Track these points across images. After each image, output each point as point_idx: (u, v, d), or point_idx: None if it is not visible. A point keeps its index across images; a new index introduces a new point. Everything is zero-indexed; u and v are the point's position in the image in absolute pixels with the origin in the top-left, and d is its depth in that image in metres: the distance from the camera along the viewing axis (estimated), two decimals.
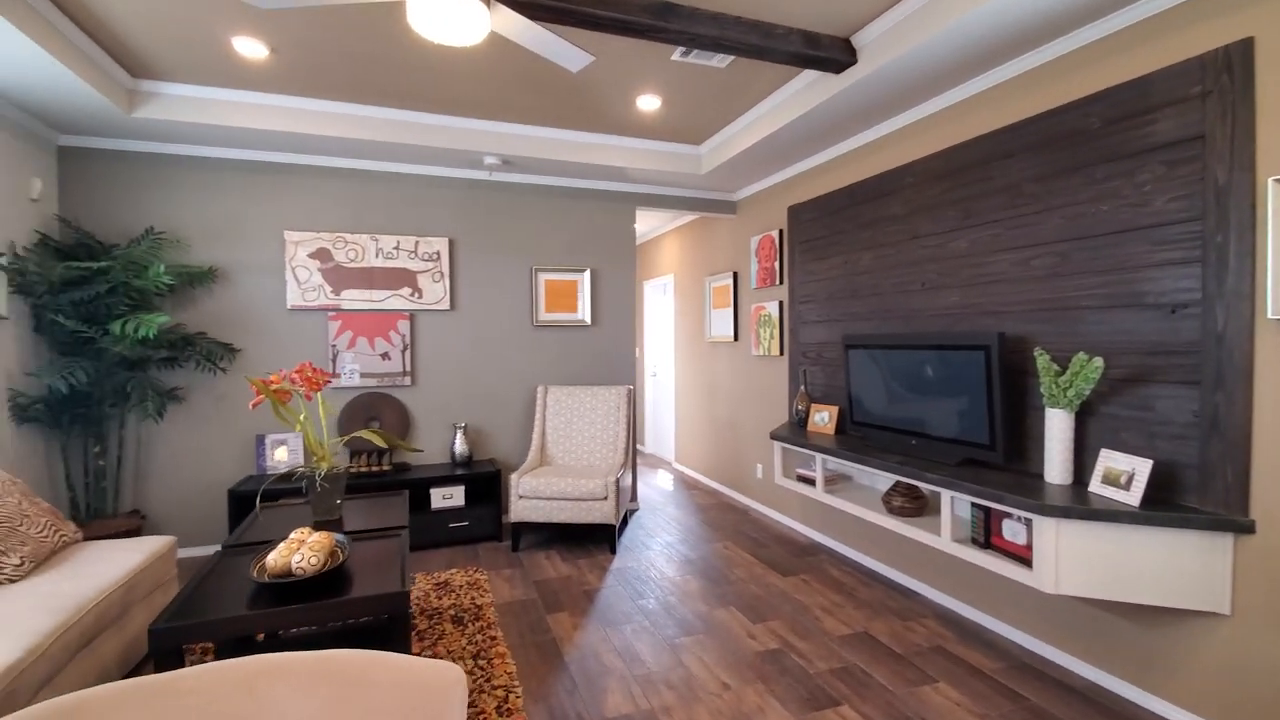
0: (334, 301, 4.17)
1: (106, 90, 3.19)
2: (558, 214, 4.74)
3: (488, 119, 3.96)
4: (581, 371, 4.84)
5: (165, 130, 3.62)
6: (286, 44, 3.00)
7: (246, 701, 1.09)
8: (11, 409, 3.30)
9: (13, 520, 2.43)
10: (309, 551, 1.92)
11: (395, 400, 4.33)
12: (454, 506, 4.12)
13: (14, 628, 1.94)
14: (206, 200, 3.98)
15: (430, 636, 2.87)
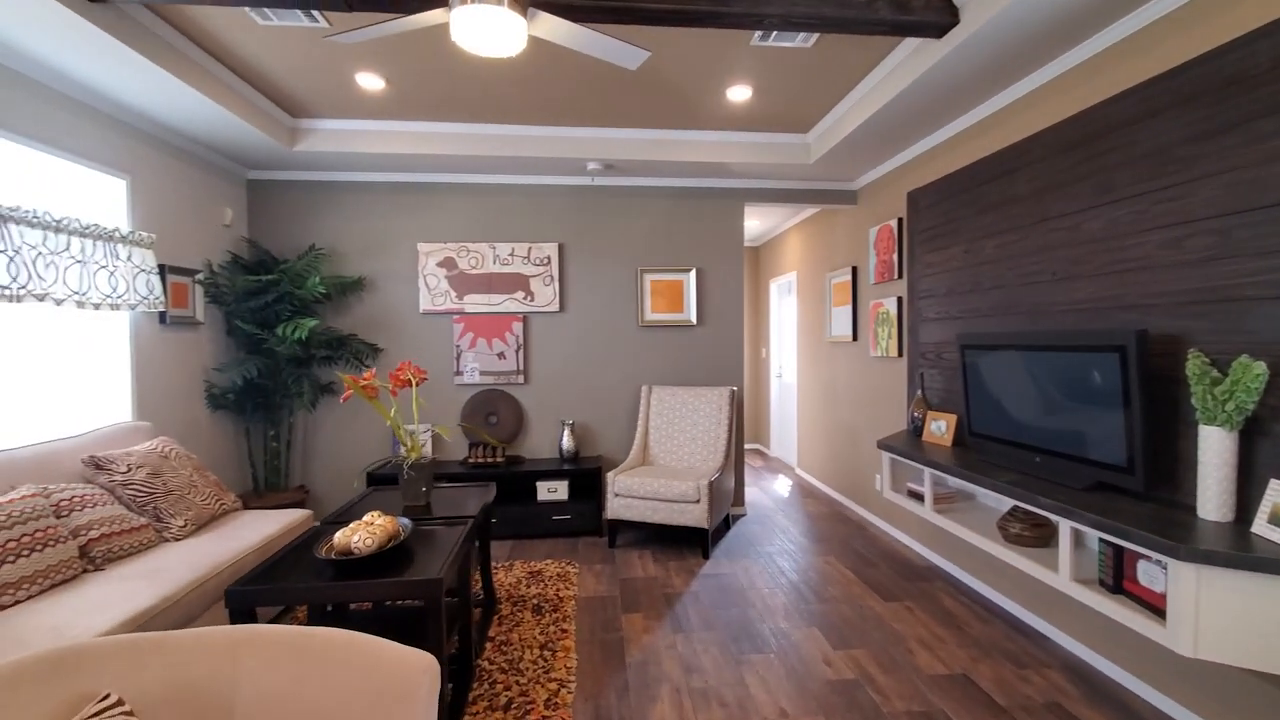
0: (458, 305, 4.56)
1: (272, 131, 3.78)
2: (662, 214, 4.74)
3: (588, 126, 4.07)
4: (686, 372, 4.79)
5: (319, 160, 4.21)
6: (396, 75, 3.34)
7: (226, 665, 1.23)
8: (207, 397, 4.04)
9: (183, 490, 2.98)
10: (367, 533, 2.12)
11: (510, 397, 4.62)
12: (558, 500, 4.30)
13: (160, 578, 2.37)
14: (355, 219, 4.56)
15: (509, 622, 3.02)
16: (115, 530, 2.56)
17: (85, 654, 1.12)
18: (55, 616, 2.00)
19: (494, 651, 2.74)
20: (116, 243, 3.19)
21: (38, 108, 2.84)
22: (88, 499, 2.56)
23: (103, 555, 2.47)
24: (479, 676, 2.54)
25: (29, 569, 2.16)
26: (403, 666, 1.33)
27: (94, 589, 2.24)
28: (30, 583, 2.15)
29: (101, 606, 2.11)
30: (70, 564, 2.32)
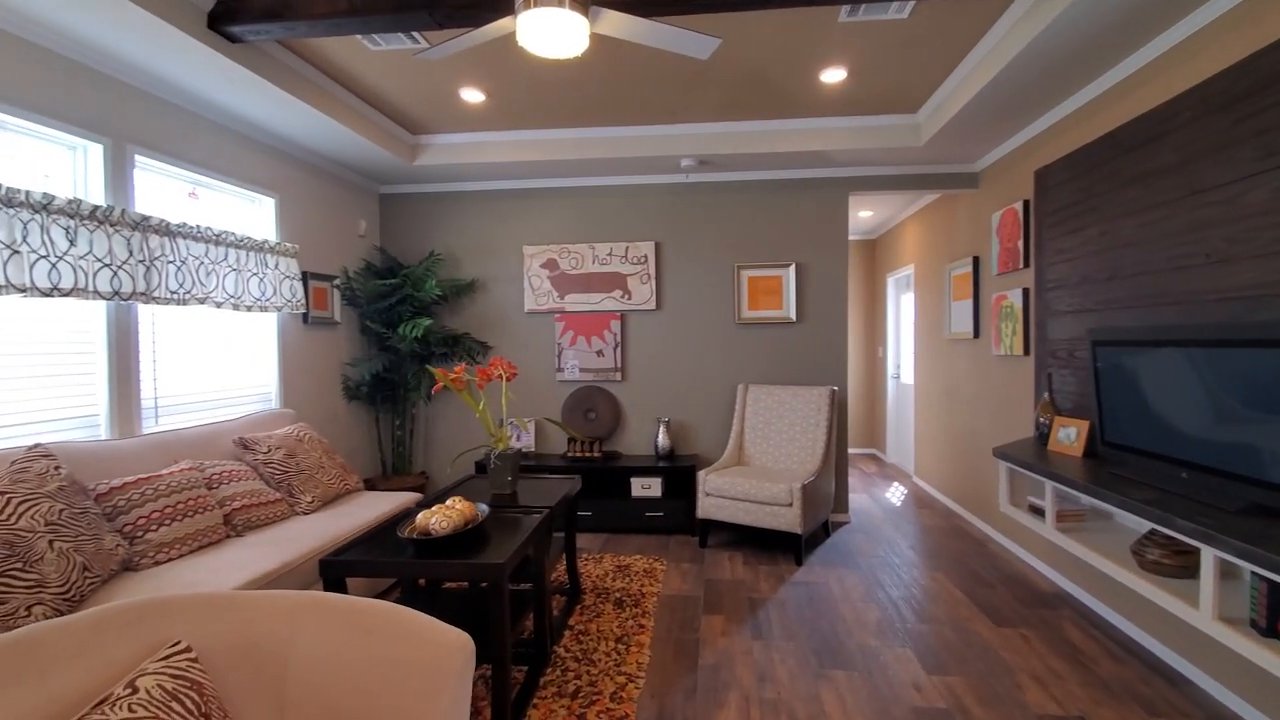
0: (559, 305, 4.74)
1: (395, 149, 4.16)
2: (759, 208, 4.60)
3: (680, 122, 4.06)
4: (784, 370, 4.61)
5: (436, 172, 4.56)
6: (494, 87, 3.53)
7: (285, 626, 1.37)
8: (343, 389, 4.52)
9: (312, 470, 3.35)
10: (444, 516, 2.26)
11: (608, 394, 4.72)
12: (651, 497, 4.32)
13: (286, 546, 2.68)
14: (468, 225, 4.88)
15: (590, 613, 3.08)
16: (254, 502, 2.93)
17: (167, 605, 1.29)
18: (196, 574, 2.34)
19: (571, 640, 2.81)
20: (266, 253, 3.66)
21: (210, 140, 3.33)
22: (234, 474, 2.96)
23: (243, 523, 2.84)
24: (553, 662, 2.62)
25: (182, 532, 2.54)
26: (439, 643, 1.40)
27: (232, 552, 2.58)
28: (182, 543, 2.52)
29: (235, 567, 2.43)
30: (216, 529, 2.69)
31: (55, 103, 2.58)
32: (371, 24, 2.64)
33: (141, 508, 2.45)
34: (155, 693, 1.07)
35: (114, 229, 2.74)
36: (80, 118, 2.69)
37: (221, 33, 2.69)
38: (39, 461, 2.20)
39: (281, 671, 1.32)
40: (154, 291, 2.93)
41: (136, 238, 2.84)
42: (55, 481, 2.19)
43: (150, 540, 2.42)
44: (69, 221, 2.55)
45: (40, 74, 2.52)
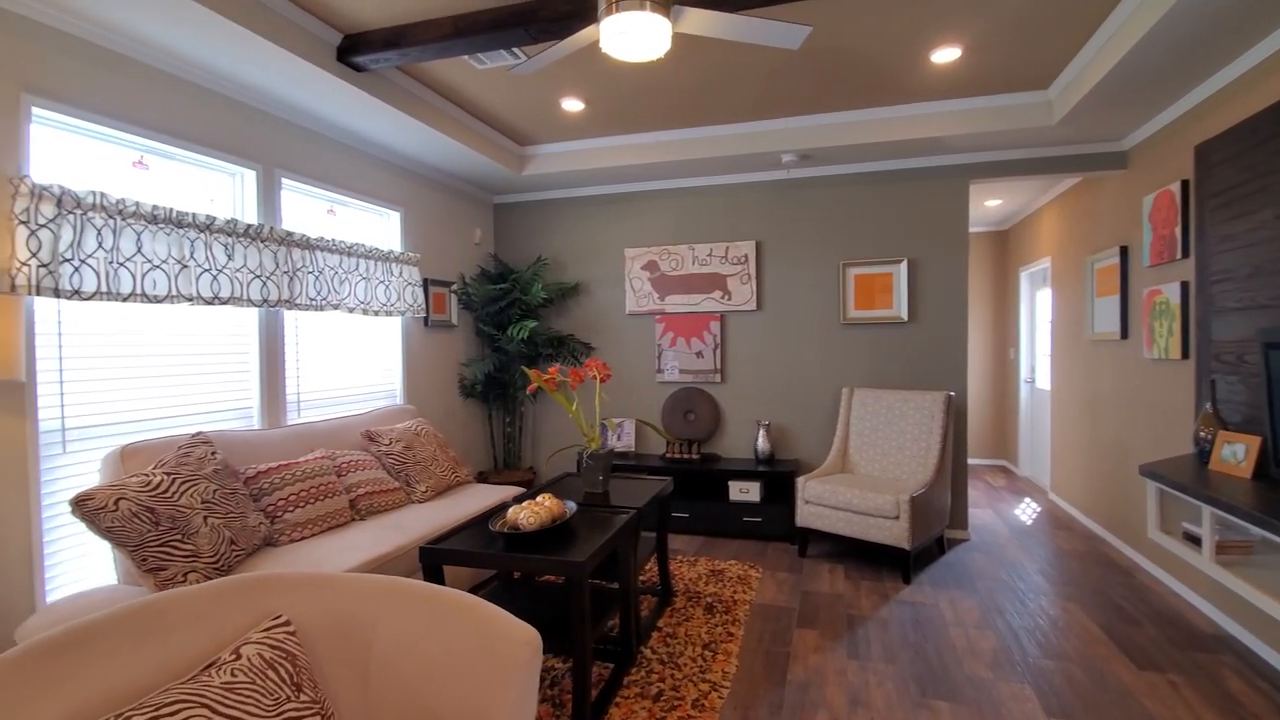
0: (659, 306, 4.77)
1: (505, 160, 4.39)
2: (867, 203, 4.35)
3: (780, 117, 3.94)
4: (894, 373, 4.33)
5: (542, 181, 4.75)
6: (593, 94, 3.62)
7: (371, 607, 1.49)
8: (459, 387, 4.84)
9: (427, 462, 3.62)
10: (531, 512, 2.35)
11: (708, 395, 4.68)
12: (750, 501, 4.23)
13: (400, 531, 2.91)
14: (573, 230, 5.05)
15: (679, 616, 3.08)
16: (376, 490, 3.22)
17: (273, 582, 1.45)
18: (321, 552, 2.60)
19: (659, 642, 2.82)
20: (392, 262, 4.00)
21: (344, 162, 3.70)
22: (360, 463, 3.26)
23: (366, 508, 3.13)
24: (638, 662, 2.64)
25: (314, 513, 2.84)
26: (508, 636, 1.46)
27: (354, 534, 2.84)
28: (314, 524, 2.82)
29: (355, 549, 2.68)
30: (342, 512, 2.98)
31: (218, 136, 2.98)
32: (474, 44, 2.80)
33: (281, 490, 2.76)
34: (255, 660, 1.21)
35: (264, 244, 3.11)
36: (237, 148, 3.08)
37: (349, 64, 2.97)
38: (200, 447, 2.54)
39: (366, 650, 1.43)
40: (296, 299, 3.30)
41: (282, 251, 3.21)
42: (212, 465, 2.52)
43: (288, 520, 2.72)
44: (228, 239, 2.94)
45: (206, 112, 2.92)
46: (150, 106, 2.68)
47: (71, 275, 2.31)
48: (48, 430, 2.36)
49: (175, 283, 2.69)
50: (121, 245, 2.49)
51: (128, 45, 2.56)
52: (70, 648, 1.11)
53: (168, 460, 2.39)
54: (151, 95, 2.69)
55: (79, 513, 2.04)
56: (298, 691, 1.23)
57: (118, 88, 2.55)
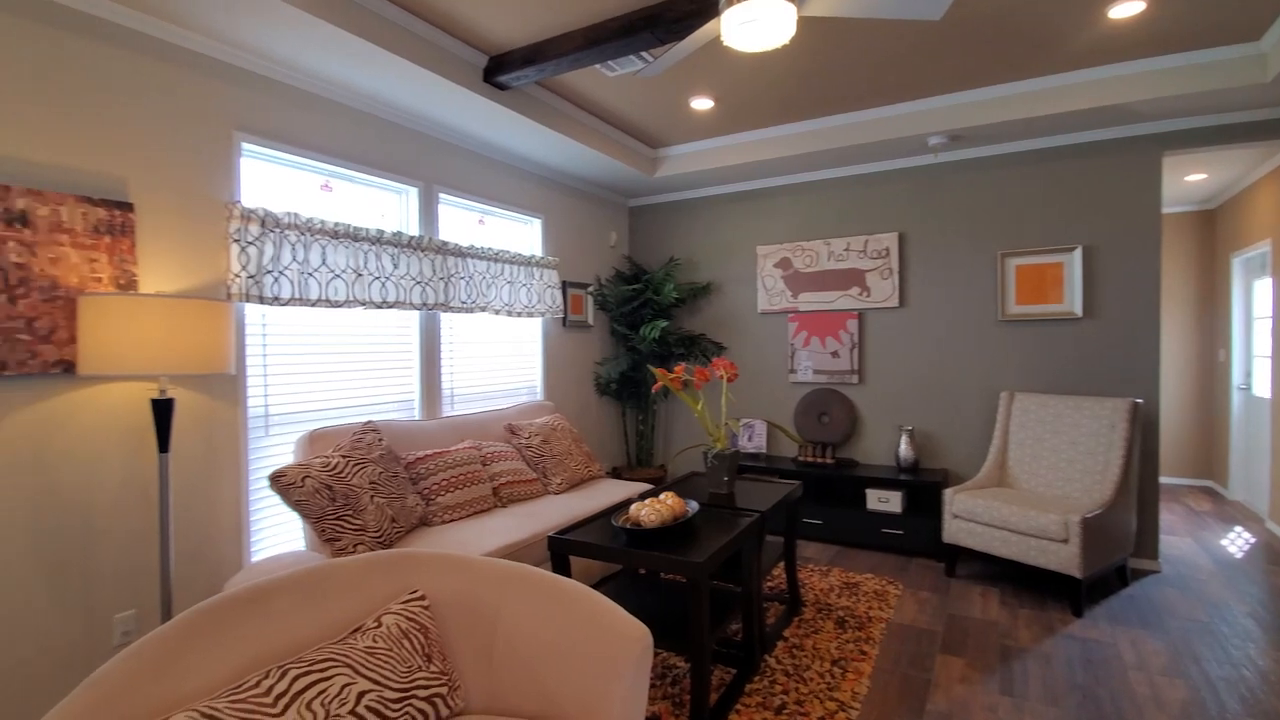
0: (792, 304, 4.62)
1: (638, 164, 4.49)
2: (1029, 185, 3.88)
3: (925, 97, 3.63)
4: (1064, 376, 3.82)
5: (674, 183, 4.80)
6: (721, 92, 3.58)
7: (497, 591, 1.59)
8: (595, 385, 5.03)
9: (562, 456, 3.80)
10: (652, 509, 2.38)
11: (844, 397, 4.45)
12: (889, 512, 3.96)
13: (535, 519, 3.09)
14: (704, 230, 5.04)
15: (808, 627, 2.96)
16: (516, 480, 3.44)
17: (414, 559, 1.60)
18: (466, 534, 2.83)
19: (784, 652, 2.73)
20: (533, 266, 4.25)
21: (491, 175, 4.01)
22: (503, 454, 3.50)
23: (507, 496, 3.35)
24: (762, 671, 2.58)
25: (462, 498, 3.10)
26: (619, 630, 1.49)
27: (495, 520, 3.06)
28: (461, 508, 3.08)
29: (495, 533, 2.88)
30: (486, 499, 3.22)
31: (388, 159, 3.35)
32: (605, 52, 2.89)
33: (435, 476, 3.04)
34: (393, 629, 1.34)
35: (423, 253, 3.45)
36: (403, 168, 3.45)
37: (493, 84, 3.21)
38: (369, 434, 2.88)
39: (492, 630, 1.54)
40: (450, 302, 3.62)
41: (438, 259, 3.54)
42: (378, 450, 2.84)
43: (440, 503, 2.99)
44: (394, 249, 3.29)
45: (378, 139, 3.30)
46: (334, 136, 3.08)
47: (272, 284, 2.72)
48: (255, 415, 2.80)
49: (352, 289, 3.06)
50: (310, 258, 2.88)
51: (315, 84, 2.96)
52: (252, 603, 1.32)
53: (344, 444, 2.73)
54: (335, 127, 3.08)
55: (275, 487, 2.40)
56: (428, 661, 1.35)
57: (308, 122, 2.96)
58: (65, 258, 2.13)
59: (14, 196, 2.02)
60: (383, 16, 2.65)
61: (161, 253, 2.43)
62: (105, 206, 2.24)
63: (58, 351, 2.12)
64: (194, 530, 2.55)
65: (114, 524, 2.31)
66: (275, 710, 1.17)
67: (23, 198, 2.04)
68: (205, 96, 2.57)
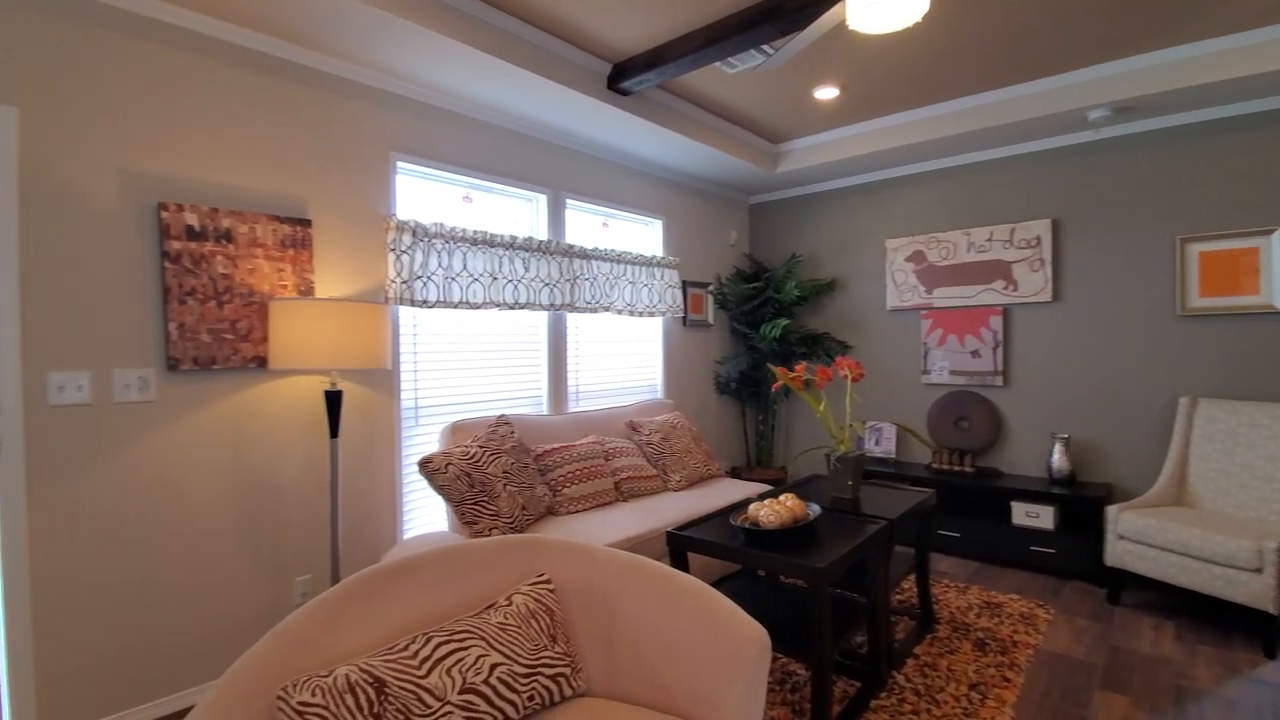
0: (926, 301, 4.33)
1: (759, 160, 4.43)
2: (1213, 158, 3.34)
3: (1082, 67, 3.26)
4: (1262, 380, 3.25)
5: (796, 177, 4.67)
6: (848, 80, 3.44)
7: (616, 580, 1.65)
8: (714, 384, 5.03)
9: (681, 453, 3.84)
10: (771, 510, 2.35)
11: (985, 400, 4.10)
12: (1039, 528, 3.60)
13: (655, 515, 3.15)
14: (828, 225, 4.86)
15: (942, 646, 2.77)
16: (637, 475, 3.53)
17: (541, 545, 1.70)
18: (589, 525, 2.95)
19: (914, 670, 2.58)
20: (654, 267, 4.34)
21: (614, 179, 4.14)
22: (624, 450, 3.61)
23: (628, 491, 3.45)
24: (889, 687, 2.46)
25: (584, 491, 3.23)
26: (735, 630, 1.50)
27: (616, 513, 3.17)
28: (584, 501, 3.21)
29: (616, 526, 2.98)
30: (608, 493, 3.34)
31: (520, 169, 3.57)
32: (725, 49, 2.89)
33: (562, 468, 3.20)
34: (522, 609, 1.44)
35: (551, 257, 3.64)
36: (534, 177, 3.65)
37: (616, 90, 3.31)
38: (502, 427, 3.08)
39: (611, 618, 1.60)
40: (575, 303, 3.79)
41: (565, 262, 3.72)
42: (510, 442, 3.04)
43: (565, 494, 3.14)
44: (525, 254, 3.50)
45: (512, 151, 3.52)
46: (473, 151, 3.33)
47: (421, 288, 3.00)
48: (406, 407, 3.11)
49: (488, 292, 3.30)
50: (453, 263, 3.15)
51: (457, 104, 3.22)
52: (403, 574, 1.47)
53: (480, 435, 2.95)
54: (474, 142, 3.34)
55: (423, 472, 2.65)
56: (553, 642, 1.44)
57: (451, 139, 3.23)
58: (259, 268, 2.50)
59: (221, 217, 2.40)
60: (517, 36, 2.83)
61: (333, 262, 2.77)
62: (290, 223, 2.59)
63: (254, 349, 2.48)
64: (357, 507, 2.87)
65: (296, 499, 2.66)
66: (421, 672, 1.31)
67: (228, 218, 2.42)
68: (367, 121, 2.89)
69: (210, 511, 2.42)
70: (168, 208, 2.28)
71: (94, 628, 2.16)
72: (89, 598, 2.15)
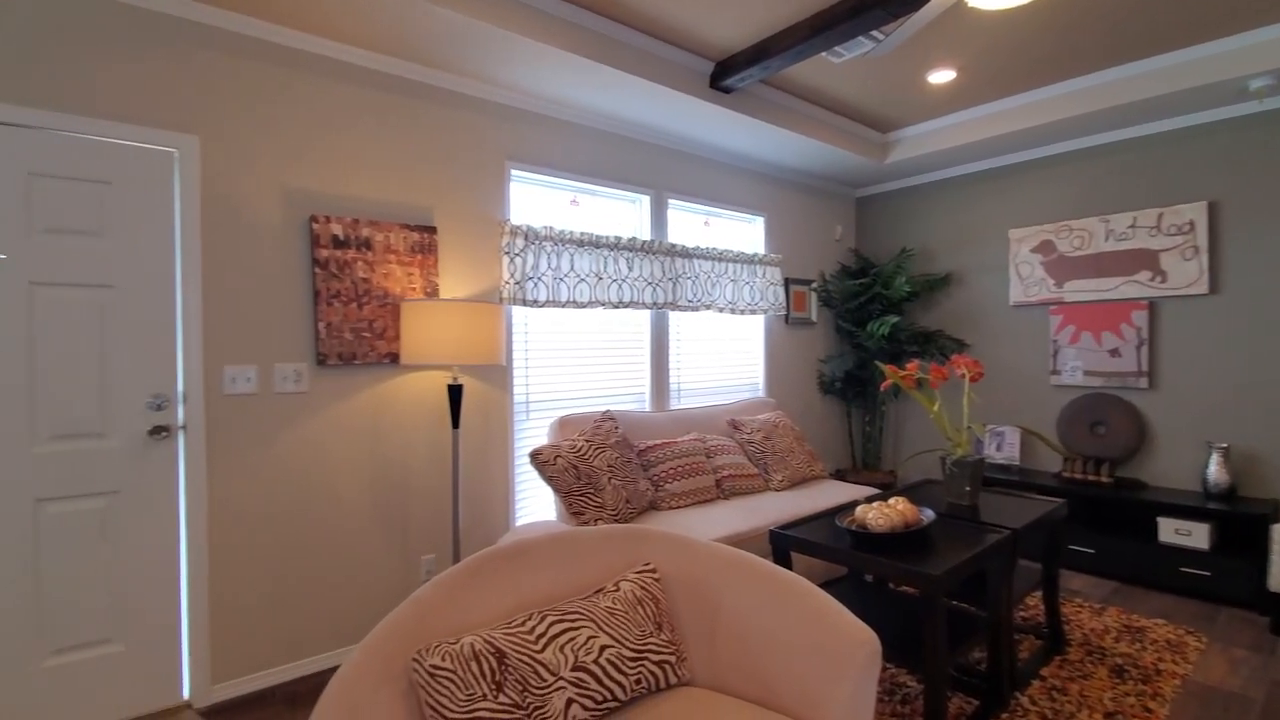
0: (1055, 295, 3.99)
1: (867, 151, 4.28)
2: None
3: (1240, 31, 2.87)
4: None
5: (907, 167, 4.46)
6: (966, 61, 3.24)
7: (720, 574, 1.66)
8: (818, 384, 4.91)
9: (783, 453, 3.79)
10: (881, 513, 2.27)
11: (1127, 404, 3.72)
12: (1191, 547, 3.23)
13: (756, 514, 3.13)
14: (942, 216, 4.60)
15: (1073, 670, 2.56)
16: (738, 474, 3.52)
17: (646, 535, 1.76)
18: (690, 521, 2.99)
19: (1040, 693, 2.41)
20: (755, 264, 4.30)
21: (715, 177, 4.15)
22: (725, 448, 3.61)
23: (729, 489, 3.46)
24: (1011, 708, 2.31)
25: (687, 487, 3.27)
26: (844, 632, 1.48)
27: (717, 511, 3.18)
28: (685, 497, 3.25)
29: (718, 523, 3.00)
30: (709, 490, 3.36)
31: (624, 171, 3.67)
32: (832, 37, 2.82)
33: (664, 464, 3.26)
34: (629, 595, 1.50)
35: (654, 256, 3.71)
36: (637, 179, 3.74)
37: (719, 88, 3.32)
38: (607, 423, 3.18)
39: (715, 609, 1.62)
40: (677, 301, 3.84)
41: (667, 261, 3.77)
42: (614, 437, 3.13)
43: (668, 489, 3.20)
44: (629, 254, 3.59)
45: (616, 154, 3.62)
46: (580, 156, 3.46)
47: (532, 289, 3.16)
48: (519, 401, 3.28)
49: (594, 291, 3.42)
50: (560, 264, 3.29)
51: (566, 111, 3.36)
52: (519, 555, 1.58)
53: (586, 430, 3.06)
54: (581, 148, 3.46)
55: (533, 463, 2.80)
56: (659, 630, 1.49)
57: (560, 146, 3.38)
58: (392, 273, 2.74)
59: (362, 227, 2.66)
60: (621, 41, 2.91)
61: (454, 265, 2.98)
62: (418, 231, 2.82)
63: (387, 346, 2.73)
64: (475, 494, 3.08)
65: (422, 484, 2.90)
66: (537, 647, 1.40)
67: (367, 228, 2.67)
68: (484, 132, 3.08)
69: (351, 493, 2.69)
70: (318, 219, 2.55)
71: (257, 587, 2.47)
72: (253, 562, 2.46)
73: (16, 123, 2.05)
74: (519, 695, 1.30)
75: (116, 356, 2.23)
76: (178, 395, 2.33)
